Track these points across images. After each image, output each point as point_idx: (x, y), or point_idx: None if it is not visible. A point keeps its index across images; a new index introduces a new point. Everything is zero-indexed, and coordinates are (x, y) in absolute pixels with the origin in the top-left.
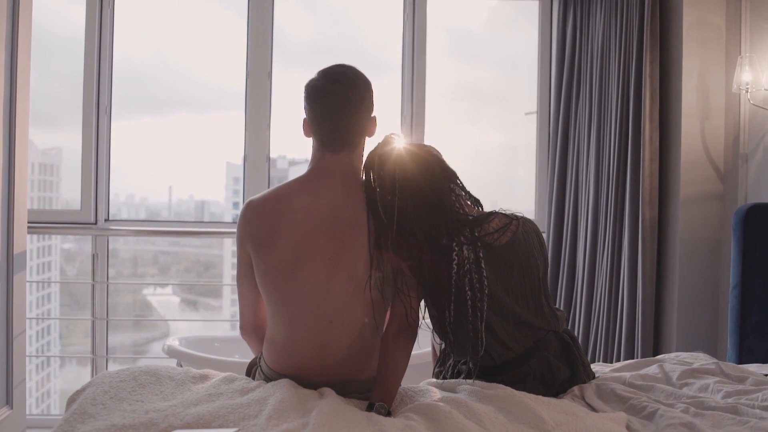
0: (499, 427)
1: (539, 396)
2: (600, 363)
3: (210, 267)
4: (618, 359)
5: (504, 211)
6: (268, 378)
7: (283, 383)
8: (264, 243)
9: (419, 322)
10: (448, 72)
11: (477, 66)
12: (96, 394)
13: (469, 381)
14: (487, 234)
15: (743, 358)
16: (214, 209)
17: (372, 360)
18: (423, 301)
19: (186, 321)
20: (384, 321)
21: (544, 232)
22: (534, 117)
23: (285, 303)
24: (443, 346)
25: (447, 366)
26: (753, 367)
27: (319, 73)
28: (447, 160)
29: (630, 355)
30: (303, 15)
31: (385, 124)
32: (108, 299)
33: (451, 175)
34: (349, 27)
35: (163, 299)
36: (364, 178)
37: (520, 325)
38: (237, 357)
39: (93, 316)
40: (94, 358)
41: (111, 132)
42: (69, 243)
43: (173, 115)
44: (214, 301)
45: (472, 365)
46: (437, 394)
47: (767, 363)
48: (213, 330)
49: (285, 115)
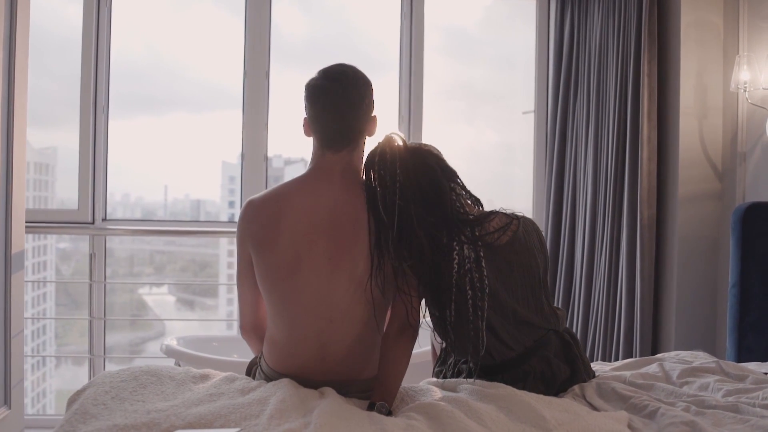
0: (501, 427)
1: (540, 395)
2: (599, 362)
3: (206, 266)
4: (617, 358)
5: (504, 211)
6: (268, 377)
7: (284, 383)
8: (264, 242)
9: (420, 321)
10: (443, 71)
11: (473, 65)
12: (97, 394)
13: (470, 380)
14: (488, 233)
15: (742, 356)
16: (209, 208)
17: (372, 359)
18: (423, 301)
19: (183, 321)
20: (384, 320)
21: (541, 231)
22: (531, 116)
23: (285, 302)
24: (444, 345)
25: (447, 365)
26: (752, 366)
27: (320, 73)
28: (446, 159)
29: (628, 354)
30: (298, 14)
31: (381, 123)
32: (105, 299)
33: (452, 175)
34: (345, 26)
35: (159, 299)
36: (364, 177)
37: (520, 324)
38: (235, 356)
39: (90, 315)
40: (91, 357)
41: (108, 131)
42: (64, 242)
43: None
44: (210, 301)
45: (472, 364)
46: (438, 393)
47: (766, 361)
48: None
49: (281, 115)
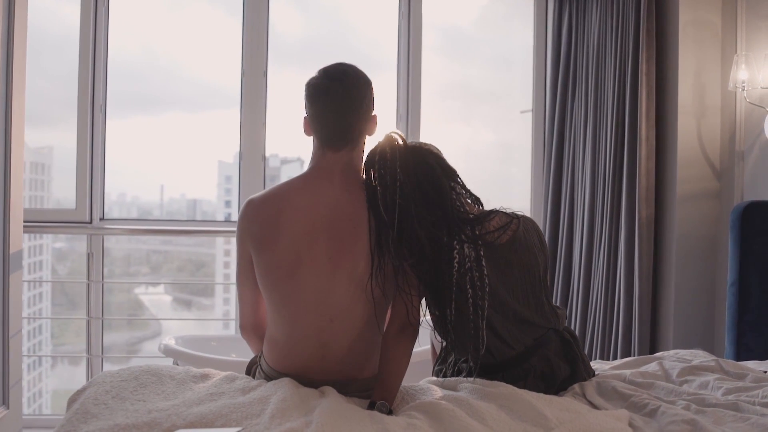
0: (502, 425)
1: (541, 394)
2: (598, 360)
3: (202, 266)
4: (615, 357)
5: (504, 210)
6: (268, 377)
7: (285, 382)
8: (265, 241)
9: (420, 320)
10: (439, 70)
11: (468, 64)
12: (97, 393)
13: (470, 379)
14: (488, 232)
15: (741, 355)
16: (206, 208)
17: (373, 359)
18: (424, 300)
19: (180, 320)
20: (385, 319)
21: (541, 230)
22: (528, 115)
23: (286, 301)
24: (444, 344)
25: (447, 364)
26: (751, 364)
27: (320, 72)
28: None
29: (627, 353)
30: (294, 13)
31: (379, 122)
32: (103, 298)
33: (452, 174)
34: (340, 25)
35: (155, 298)
36: (364, 176)
37: (520, 323)
38: (234, 356)
39: (88, 315)
40: (89, 357)
41: (106, 131)
42: (60, 242)
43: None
44: (206, 300)
45: (473, 363)
46: (438, 392)
47: (765, 360)
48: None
49: (277, 114)
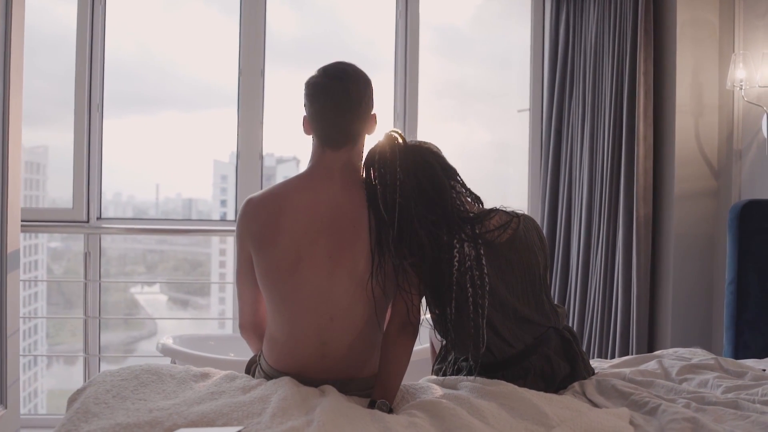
0: (503, 423)
1: (541, 392)
2: (597, 359)
3: (197, 265)
4: (613, 356)
5: (504, 209)
6: (268, 376)
7: (285, 381)
8: (264, 240)
9: (420, 319)
10: (435, 70)
11: (464, 63)
12: (98, 392)
13: (470, 378)
14: (488, 231)
15: (739, 353)
16: (201, 207)
17: (373, 357)
18: (424, 298)
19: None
20: (385, 318)
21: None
22: (524, 114)
23: (286, 300)
24: (444, 342)
25: (447, 363)
26: (750, 363)
27: (320, 71)
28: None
29: (625, 352)
30: (289, 12)
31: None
32: (100, 298)
33: (452, 172)
34: (335, 25)
35: (151, 298)
36: (364, 175)
37: (520, 322)
38: (232, 355)
39: (85, 314)
40: (86, 357)
41: (103, 130)
42: (55, 242)
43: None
44: (202, 300)
45: (473, 362)
46: (438, 391)
47: (763, 358)
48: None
49: (272, 113)
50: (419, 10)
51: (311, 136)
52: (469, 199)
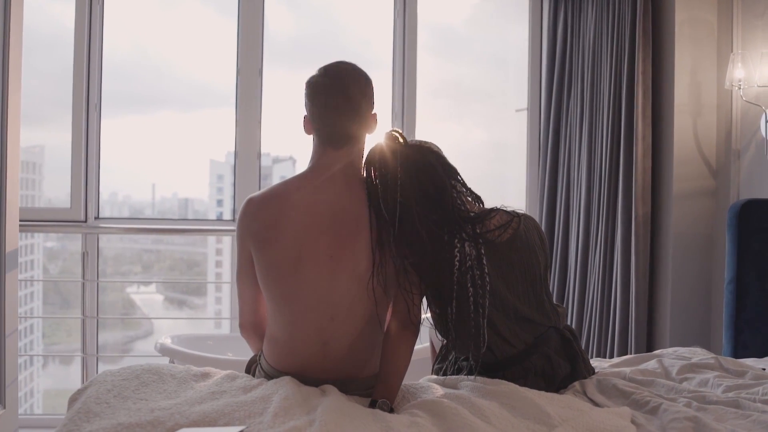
0: (505, 423)
1: (542, 392)
2: (596, 358)
3: (194, 265)
4: (611, 355)
5: (505, 208)
6: (268, 375)
7: (286, 381)
8: (265, 240)
9: (421, 318)
10: (430, 69)
11: (460, 63)
12: (99, 392)
13: (471, 377)
14: (489, 231)
15: (738, 352)
16: (197, 207)
17: (374, 357)
18: (425, 298)
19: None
20: (386, 318)
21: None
22: (522, 113)
23: (286, 300)
24: (444, 342)
25: (448, 362)
26: (749, 362)
27: (320, 70)
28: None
29: (624, 351)
30: (285, 12)
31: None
32: (98, 297)
33: (452, 172)
34: (331, 24)
35: (147, 297)
36: (365, 174)
37: (521, 321)
38: (230, 355)
39: (83, 314)
40: (84, 356)
41: (101, 129)
42: (51, 241)
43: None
44: (198, 300)
45: (473, 362)
46: (439, 390)
47: (763, 358)
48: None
49: (268, 113)
50: (417, 9)
51: (312, 135)
52: (470, 199)
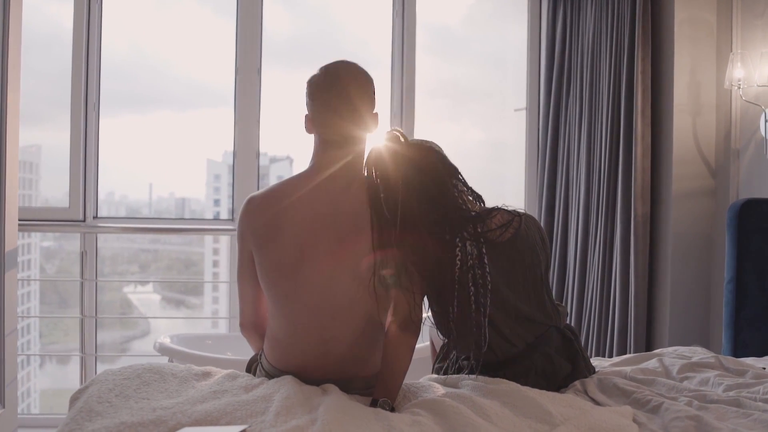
0: (507, 422)
1: (544, 391)
2: (598, 358)
3: (191, 265)
4: (611, 355)
5: (506, 207)
6: (269, 375)
7: (287, 380)
8: (266, 239)
9: (422, 318)
10: (427, 69)
11: (457, 63)
12: (101, 391)
13: (472, 376)
14: (490, 230)
15: (738, 351)
16: (194, 206)
17: (375, 356)
18: (426, 297)
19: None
20: (387, 317)
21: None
22: (519, 113)
23: (287, 299)
24: (445, 341)
25: (449, 361)
26: (749, 361)
27: (321, 69)
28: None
29: (622, 351)
30: (282, 11)
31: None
32: (97, 297)
33: (453, 171)
34: (328, 24)
35: (144, 297)
36: (366, 174)
37: (522, 321)
38: (229, 354)
39: (82, 313)
40: (83, 356)
41: (99, 129)
42: (48, 241)
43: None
44: (194, 299)
45: (474, 361)
46: (440, 389)
47: (763, 357)
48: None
49: (265, 112)
50: (416, 9)
51: (313, 134)
52: (471, 198)
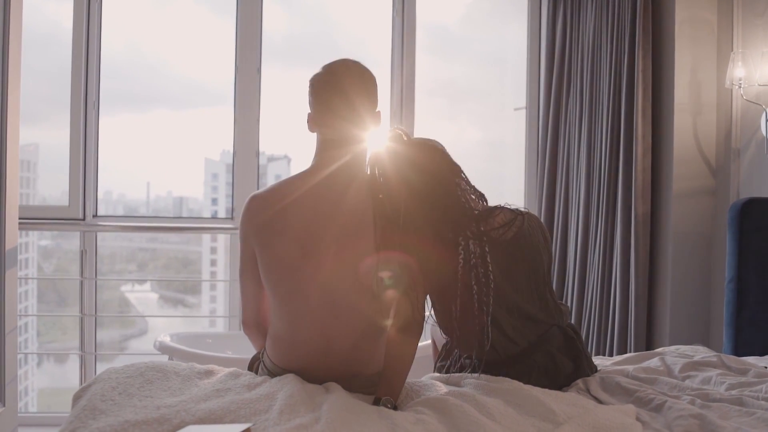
0: (510, 420)
1: (547, 389)
2: (599, 356)
3: (188, 263)
4: (611, 354)
5: (509, 206)
6: (271, 373)
7: (290, 378)
8: (269, 237)
9: (425, 317)
10: (425, 68)
11: (455, 62)
12: (104, 390)
13: (475, 375)
14: (493, 229)
15: (739, 351)
16: (192, 205)
17: (377, 355)
18: (429, 296)
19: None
20: (389, 316)
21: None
22: (519, 112)
23: (290, 298)
24: (447, 340)
25: (451, 360)
26: (751, 360)
27: (324, 68)
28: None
29: (623, 350)
30: (279, 11)
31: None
32: (96, 295)
33: (456, 170)
34: (325, 24)
35: (142, 296)
36: (369, 172)
37: (524, 320)
38: (229, 353)
39: (81, 312)
40: (83, 354)
41: (99, 128)
42: (46, 240)
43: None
44: (192, 298)
45: (477, 360)
46: (443, 388)
47: (764, 356)
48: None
49: (262, 111)
50: (416, 8)
51: (315, 133)
52: (473, 197)
